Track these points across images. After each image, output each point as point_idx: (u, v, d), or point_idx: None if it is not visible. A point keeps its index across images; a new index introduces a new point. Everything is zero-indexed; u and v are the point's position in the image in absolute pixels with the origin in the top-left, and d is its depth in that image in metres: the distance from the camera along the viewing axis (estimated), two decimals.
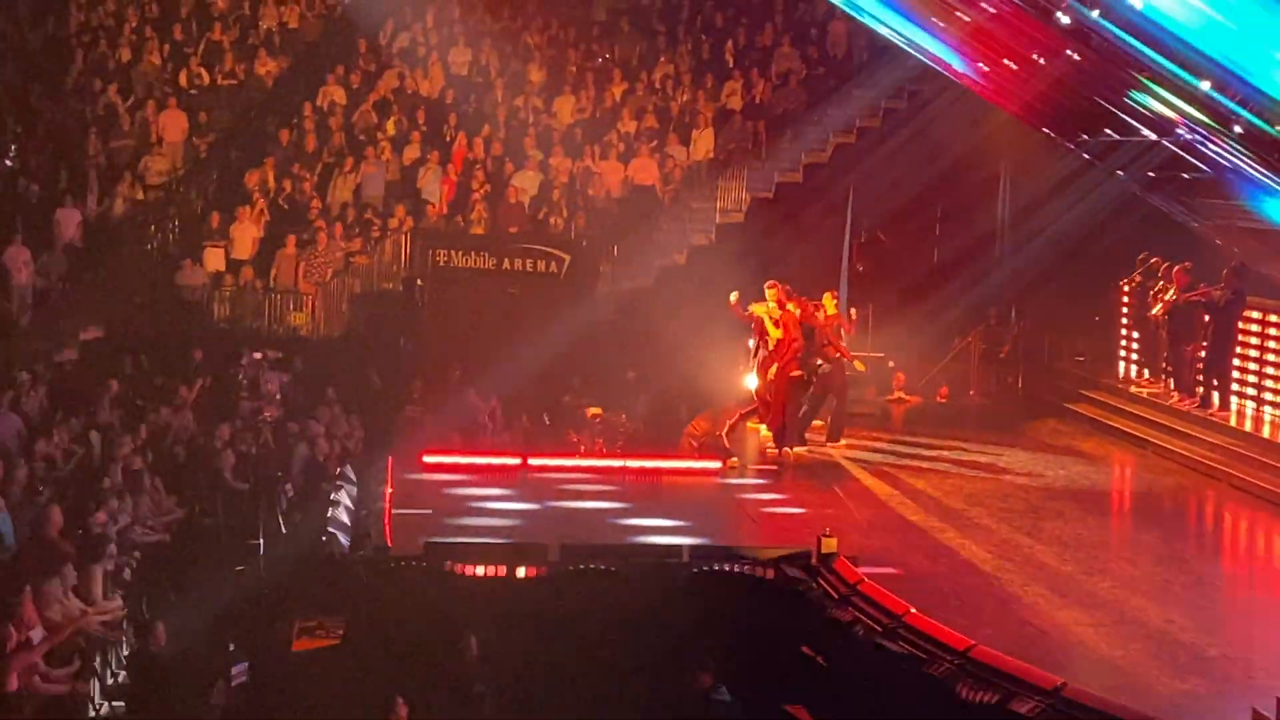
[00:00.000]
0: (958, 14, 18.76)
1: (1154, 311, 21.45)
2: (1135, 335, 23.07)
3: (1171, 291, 20.81)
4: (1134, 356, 23.31)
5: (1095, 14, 14.13)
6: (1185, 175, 20.46)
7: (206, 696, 12.65)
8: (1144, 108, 17.76)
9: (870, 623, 13.60)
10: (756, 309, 20.16)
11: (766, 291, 19.90)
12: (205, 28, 28.51)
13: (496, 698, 13.37)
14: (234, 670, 12.78)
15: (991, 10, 17.05)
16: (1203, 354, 20.69)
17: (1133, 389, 22.45)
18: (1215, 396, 20.34)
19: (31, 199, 24.30)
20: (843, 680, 13.56)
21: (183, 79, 27.48)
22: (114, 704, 13.74)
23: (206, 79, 27.65)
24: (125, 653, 14.44)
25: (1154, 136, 19.71)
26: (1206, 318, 20.49)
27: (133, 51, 27.81)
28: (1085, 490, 18.82)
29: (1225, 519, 18.47)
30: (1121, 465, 20.49)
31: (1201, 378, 20.67)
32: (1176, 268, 20.87)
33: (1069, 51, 16.60)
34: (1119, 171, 22.07)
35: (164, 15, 28.74)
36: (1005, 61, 19.94)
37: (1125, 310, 23.21)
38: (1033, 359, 24.64)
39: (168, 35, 28.23)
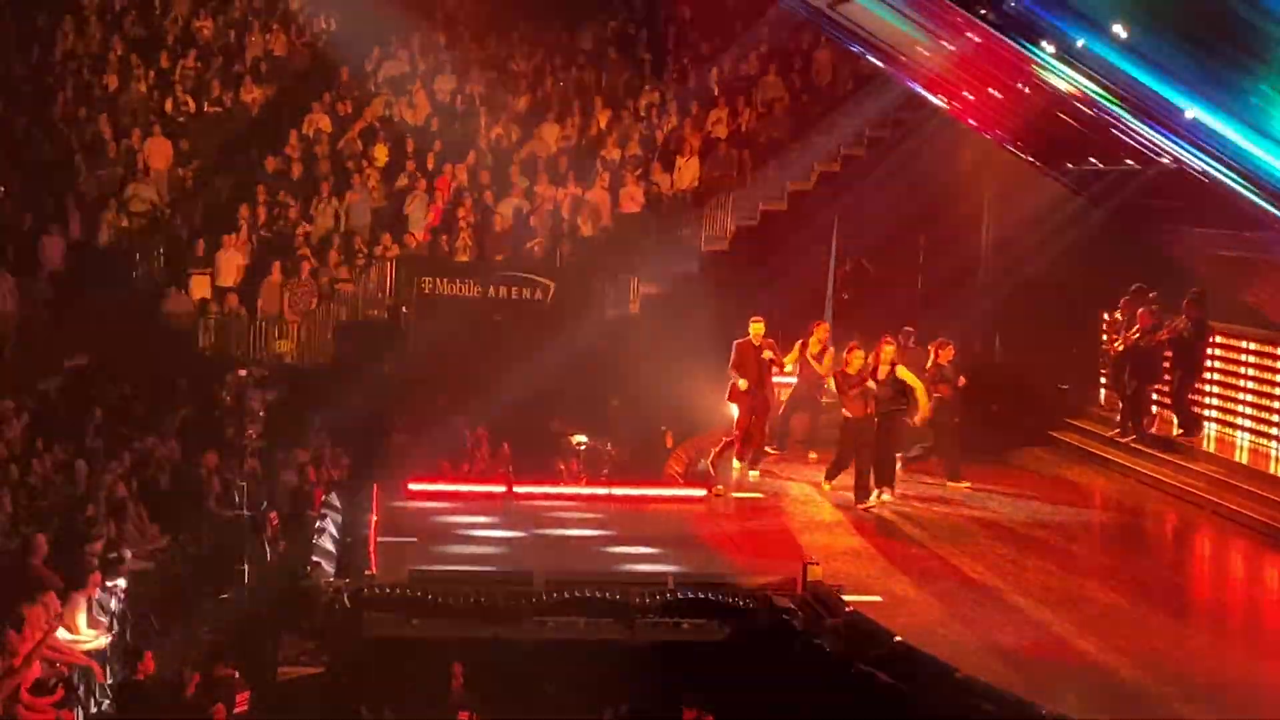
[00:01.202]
0: (943, 43, 18.87)
1: (1116, 346, 21.48)
2: (1103, 371, 23.02)
3: (1136, 330, 20.83)
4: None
5: (1080, 44, 14.22)
6: (1168, 203, 20.54)
7: None
8: (1128, 134, 17.87)
9: (856, 650, 13.60)
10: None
11: (752, 325, 19.79)
12: (191, 56, 28.54)
13: None
14: (239, 697, 12.74)
15: (977, 40, 17.14)
16: (1166, 388, 20.82)
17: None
18: (1189, 426, 20.44)
19: (17, 226, 24.27)
20: (828, 708, 13.55)
21: (168, 107, 27.51)
22: None
23: (192, 107, 27.68)
24: (110, 681, 14.42)
25: (1137, 165, 19.82)
26: (1169, 353, 20.59)
27: (119, 80, 27.83)
28: (1070, 518, 18.86)
29: (1209, 547, 18.54)
30: (1105, 493, 20.53)
31: (1172, 410, 20.76)
32: (1141, 309, 20.92)
33: (1051, 78, 16.69)
34: (1102, 200, 22.16)
35: (150, 43, 28.79)
36: (990, 90, 20.05)
37: (1103, 342, 23.16)
38: (1017, 387, 24.64)
39: (154, 63, 28.26)
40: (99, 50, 28.47)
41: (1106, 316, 22.82)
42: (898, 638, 13.47)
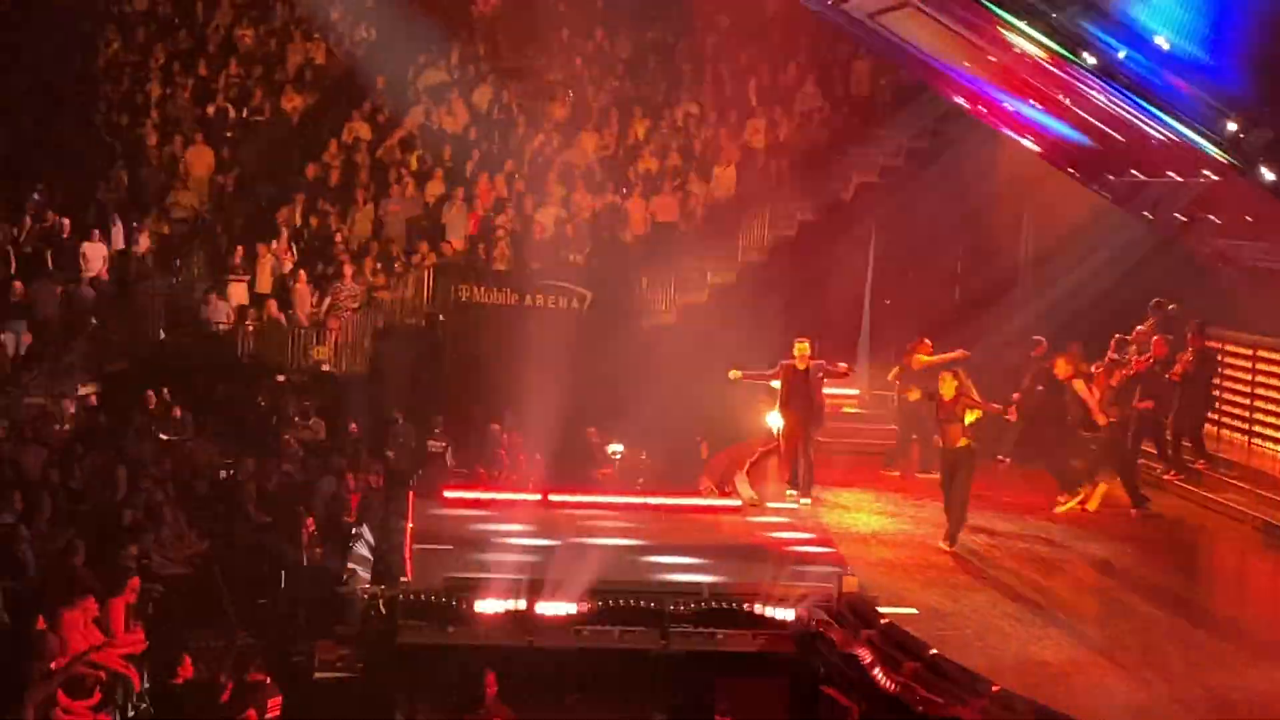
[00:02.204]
0: (987, 56, 18.79)
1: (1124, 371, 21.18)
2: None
3: (1149, 357, 20.55)
4: None
5: (1122, 55, 14.14)
6: (1211, 215, 20.39)
7: None
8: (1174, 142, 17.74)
9: (893, 663, 13.55)
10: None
11: (797, 346, 19.13)
12: (232, 64, 28.73)
13: None
14: (269, 703, 12.79)
15: (1018, 51, 17.06)
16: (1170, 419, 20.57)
17: None
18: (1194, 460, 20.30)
19: (59, 233, 24.44)
20: None
21: (210, 114, 27.68)
22: None
23: (233, 114, 27.84)
24: (147, 685, 14.48)
25: (1179, 178, 19.67)
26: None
27: (160, 87, 28.03)
28: (1108, 531, 18.71)
29: (1247, 561, 18.35)
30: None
31: (1172, 442, 20.51)
32: (1157, 336, 20.71)
33: (1095, 92, 16.59)
34: (1145, 213, 22.00)
35: (191, 51, 28.99)
36: (1031, 102, 19.95)
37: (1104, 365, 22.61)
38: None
39: (195, 71, 28.45)
40: (141, 58, 28.68)
41: (1117, 336, 22.38)
42: (934, 650, 13.41)
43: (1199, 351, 20.10)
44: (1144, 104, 14.95)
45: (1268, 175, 14.39)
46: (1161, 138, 16.63)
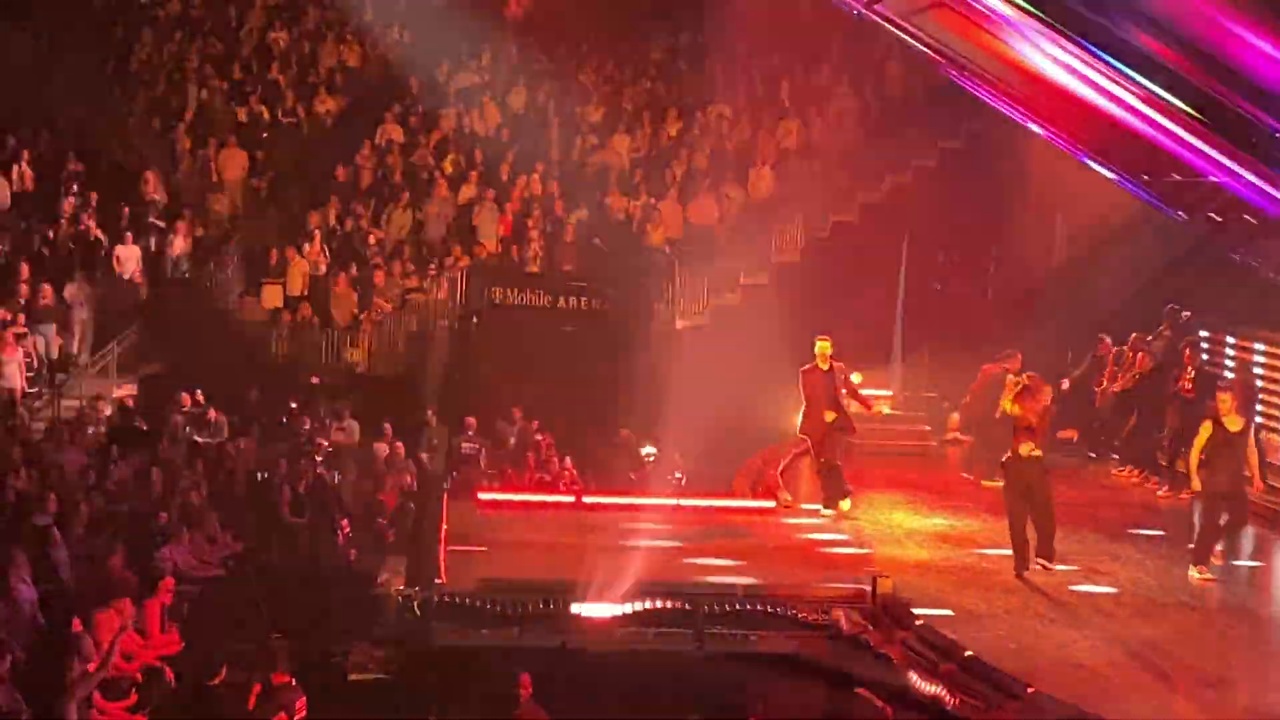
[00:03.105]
0: (1020, 54, 18.69)
1: (1113, 388, 21.01)
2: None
3: (1134, 374, 20.39)
4: None
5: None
6: (1246, 217, 20.26)
7: None
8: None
9: (927, 665, 13.52)
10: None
11: (818, 344, 19.00)
12: (266, 67, 28.85)
13: None
14: (297, 704, 12.81)
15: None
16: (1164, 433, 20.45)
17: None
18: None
19: (93, 236, 24.56)
20: None
21: (243, 118, 27.79)
22: None
23: (266, 117, 27.94)
24: (181, 687, 14.52)
25: (1218, 179, 19.54)
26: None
27: (194, 90, 28.15)
28: (1144, 533, 18.63)
29: None
30: (1178, 506, 20.23)
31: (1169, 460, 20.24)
32: (1140, 352, 20.53)
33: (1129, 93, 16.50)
34: (1181, 213, 21.88)
35: (225, 54, 29.11)
36: (1066, 102, 19.84)
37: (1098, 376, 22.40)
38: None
39: (229, 74, 28.57)
40: (175, 62, 28.80)
41: (1113, 346, 22.18)
42: (969, 652, 13.38)
43: (1199, 372, 19.97)
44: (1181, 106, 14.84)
45: None
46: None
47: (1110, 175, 22.94)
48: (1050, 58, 15.67)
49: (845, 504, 19.08)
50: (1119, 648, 14.06)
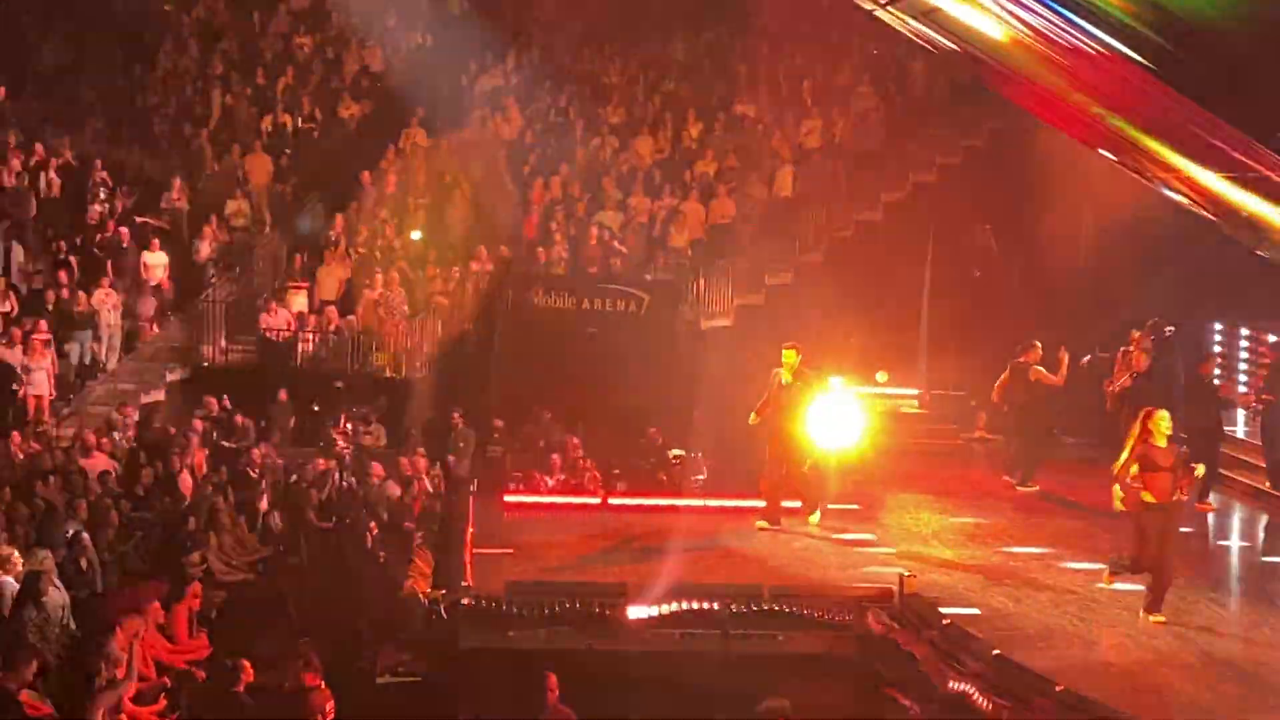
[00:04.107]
0: (1045, 52, 18.64)
1: (1114, 386, 20.85)
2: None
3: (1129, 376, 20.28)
4: None
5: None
6: None
7: None
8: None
9: (955, 664, 13.49)
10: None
11: (785, 354, 18.28)
12: (290, 73, 28.92)
13: None
14: (326, 707, 12.83)
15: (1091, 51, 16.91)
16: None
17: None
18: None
19: (120, 242, 24.67)
20: None
21: (267, 123, 27.87)
22: None
23: (290, 123, 28.02)
24: (210, 691, 14.58)
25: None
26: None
27: (219, 96, 28.25)
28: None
29: None
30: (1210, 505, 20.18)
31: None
32: (1139, 351, 20.40)
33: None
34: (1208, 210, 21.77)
35: (248, 60, 29.21)
36: (1091, 100, 19.77)
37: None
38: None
39: (253, 80, 28.66)
40: (200, 68, 28.91)
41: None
42: (996, 651, 13.35)
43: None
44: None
45: None
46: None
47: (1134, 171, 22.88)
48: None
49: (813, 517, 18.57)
50: (1147, 646, 14.01)
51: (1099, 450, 20.91)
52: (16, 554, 15.14)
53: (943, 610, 14.58)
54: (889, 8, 19.31)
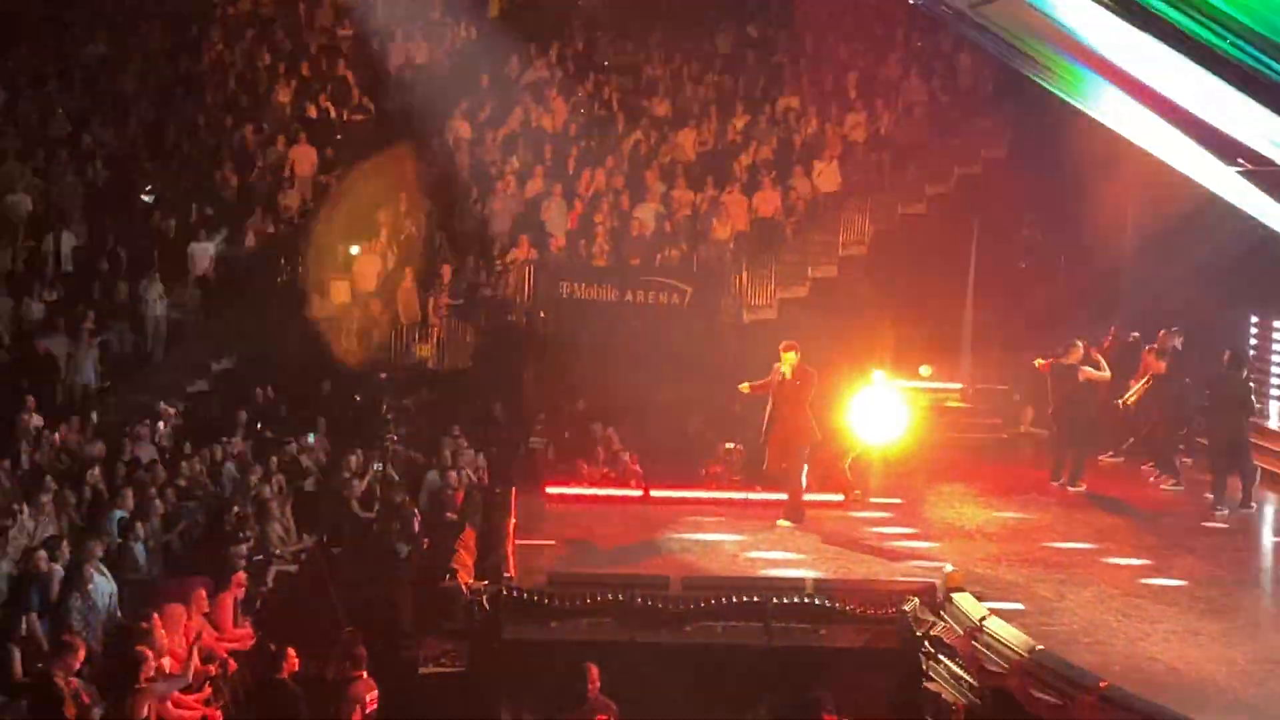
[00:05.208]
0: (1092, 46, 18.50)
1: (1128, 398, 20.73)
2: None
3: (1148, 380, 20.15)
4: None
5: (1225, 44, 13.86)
6: None
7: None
8: None
9: (997, 659, 13.44)
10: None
11: (783, 354, 17.90)
12: (335, 64, 29.01)
13: None
14: (368, 697, 12.90)
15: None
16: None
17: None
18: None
19: (166, 233, 24.81)
20: (970, 719, 13.40)
21: (312, 114, 27.97)
22: None
23: (335, 114, 28.11)
24: (254, 680, 14.67)
25: None
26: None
27: (264, 87, 28.37)
28: (1215, 526, 18.43)
29: None
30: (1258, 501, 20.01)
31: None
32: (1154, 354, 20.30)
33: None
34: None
35: (294, 52, 29.31)
36: (1139, 93, 19.62)
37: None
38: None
39: (298, 71, 28.77)
40: (246, 59, 29.04)
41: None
42: (1040, 646, 13.29)
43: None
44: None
45: None
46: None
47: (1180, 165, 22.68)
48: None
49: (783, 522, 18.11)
50: (1193, 643, 13.92)
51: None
52: (64, 542, 15.27)
53: (986, 605, 14.51)
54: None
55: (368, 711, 12.88)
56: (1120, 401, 20.45)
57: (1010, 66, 24.28)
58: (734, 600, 14.98)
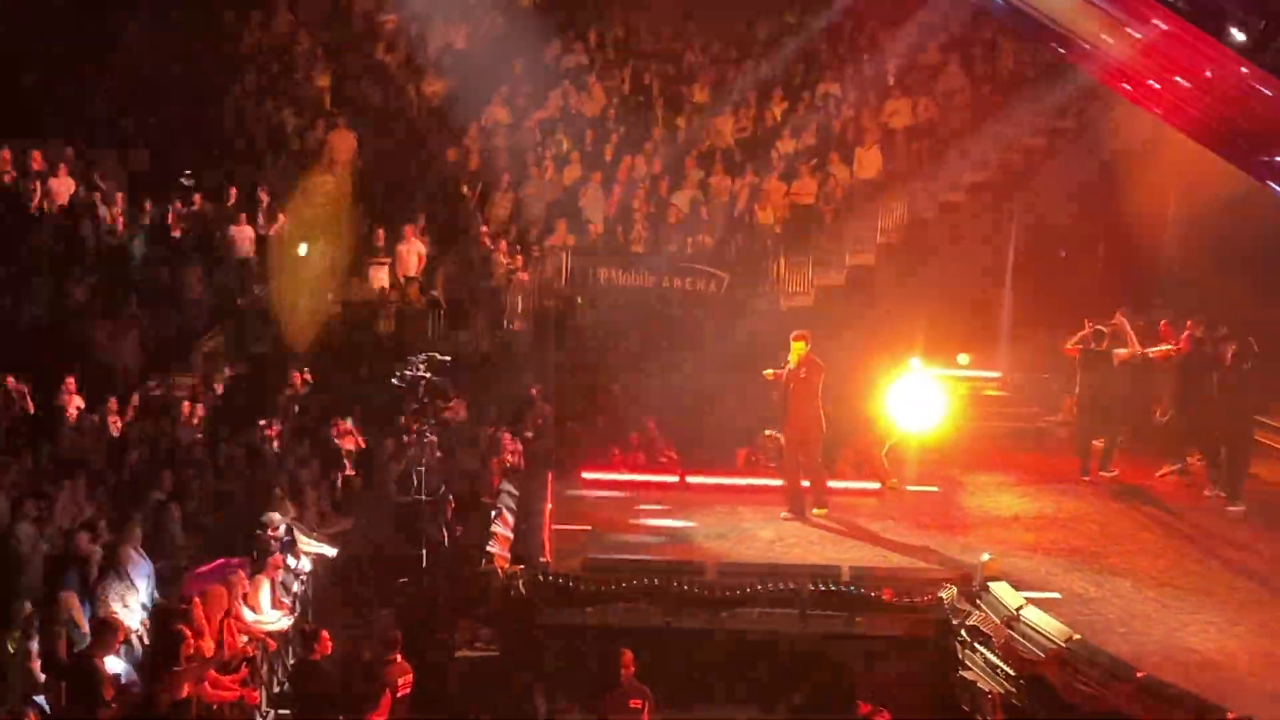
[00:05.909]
0: (1128, 30, 18.40)
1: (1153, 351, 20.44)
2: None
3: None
4: None
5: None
6: None
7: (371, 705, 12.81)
8: None
9: (1034, 649, 13.41)
10: None
11: (793, 344, 17.82)
12: (374, 49, 29.05)
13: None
14: (401, 680, 12.95)
15: (1164, 27, 16.69)
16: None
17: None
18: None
19: (206, 216, 24.90)
20: (1005, 708, 13.36)
21: (352, 99, 28.00)
22: (279, 712, 14.05)
23: (375, 99, 28.15)
24: (290, 662, 14.76)
25: None
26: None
27: (304, 72, 28.41)
28: (1258, 515, 18.30)
29: None
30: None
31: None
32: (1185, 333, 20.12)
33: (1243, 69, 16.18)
34: None
35: (334, 37, 29.36)
36: (1177, 79, 19.50)
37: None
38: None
39: (338, 56, 28.81)
40: (284, 44, 29.09)
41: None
42: (1076, 635, 13.25)
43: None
44: None
45: None
46: None
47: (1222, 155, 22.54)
48: None
49: (820, 511, 18.02)
50: (1230, 634, 13.85)
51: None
52: (103, 523, 15.36)
53: (1023, 594, 14.48)
54: None
55: (401, 695, 12.92)
56: (1144, 352, 20.21)
57: (1049, 53, 24.26)
58: (770, 587, 14.99)
